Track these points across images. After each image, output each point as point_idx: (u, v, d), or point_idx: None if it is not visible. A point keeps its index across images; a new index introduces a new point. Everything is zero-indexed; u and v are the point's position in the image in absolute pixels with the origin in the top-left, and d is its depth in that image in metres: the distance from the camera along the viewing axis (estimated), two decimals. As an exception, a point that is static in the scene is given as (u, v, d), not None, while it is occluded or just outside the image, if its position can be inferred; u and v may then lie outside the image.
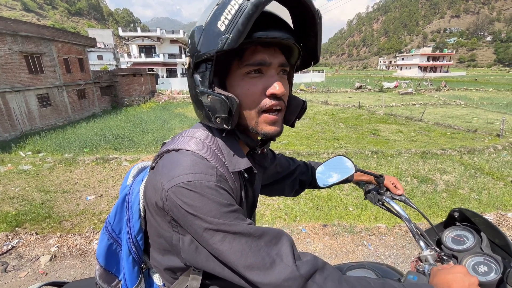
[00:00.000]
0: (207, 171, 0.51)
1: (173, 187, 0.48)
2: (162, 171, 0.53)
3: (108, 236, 0.66)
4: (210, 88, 0.53)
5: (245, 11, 0.44)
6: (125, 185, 0.69)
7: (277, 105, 0.55)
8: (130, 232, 0.62)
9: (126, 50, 53.31)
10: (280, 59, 0.55)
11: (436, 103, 18.48)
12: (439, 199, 4.94)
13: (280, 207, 4.71)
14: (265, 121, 0.56)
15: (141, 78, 23.02)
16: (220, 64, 0.53)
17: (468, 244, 0.74)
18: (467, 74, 71.86)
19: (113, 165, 7.42)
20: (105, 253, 0.66)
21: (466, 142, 8.73)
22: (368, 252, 2.67)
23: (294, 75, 0.66)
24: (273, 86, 0.53)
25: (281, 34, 0.51)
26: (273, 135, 0.58)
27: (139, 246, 0.63)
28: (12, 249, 2.80)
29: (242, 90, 0.54)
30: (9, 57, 12.73)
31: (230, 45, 0.46)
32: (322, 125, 11.93)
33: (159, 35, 34.44)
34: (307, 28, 0.55)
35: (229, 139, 0.60)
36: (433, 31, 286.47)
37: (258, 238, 0.49)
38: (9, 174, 7.02)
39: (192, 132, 0.60)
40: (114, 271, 0.68)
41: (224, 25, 0.46)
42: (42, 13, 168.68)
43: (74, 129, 12.83)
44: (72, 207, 5.11)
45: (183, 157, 0.53)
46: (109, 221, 0.66)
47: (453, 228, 0.81)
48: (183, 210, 0.48)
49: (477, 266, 0.67)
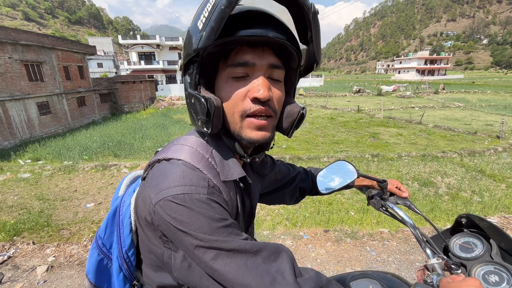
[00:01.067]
0: (198, 182, 0.47)
1: (160, 201, 0.45)
2: (151, 183, 0.49)
3: (99, 251, 0.63)
4: (196, 89, 0.51)
5: (218, 6, 0.42)
6: (116, 197, 0.66)
7: (262, 111, 0.50)
8: (121, 247, 0.58)
9: (126, 57, 53.71)
10: (268, 60, 0.50)
11: (435, 105, 18.52)
12: (441, 202, 4.90)
13: (281, 212, 4.67)
14: (249, 126, 0.51)
15: (141, 85, 23.12)
16: (208, 65, 0.51)
17: (477, 252, 0.71)
18: (464, 77, 72.31)
19: (113, 172, 7.38)
20: (95, 269, 0.63)
21: (466, 144, 8.72)
22: (371, 258, 2.62)
23: (299, 78, 0.60)
24: (255, 89, 0.49)
25: (266, 32, 0.47)
26: (259, 141, 0.52)
27: (131, 262, 0.60)
28: (8, 260, 2.75)
29: (226, 92, 0.51)
30: (9, 66, 12.81)
31: (204, 43, 0.44)
32: (321, 129, 11.94)
33: (159, 42, 34.77)
34: (305, 27, 0.51)
35: (221, 147, 0.56)
36: (429, 35, 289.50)
37: (255, 254, 0.45)
38: (8, 182, 6.97)
39: (185, 139, 0.57)
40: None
41: (202, 24, 0.44)
42: (42, 22, 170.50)
43: (74, 137, 12.82)
44: (71, 215, 5.06)
45: (173, 167, 0.49)
46: (99, 235, 0.63)
47: (461, 234, 0.78)
48: (172, 226, 0.45)
49: (488, 275, 0.64)
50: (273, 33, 0.47)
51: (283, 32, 0.49)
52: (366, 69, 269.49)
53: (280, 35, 0.48)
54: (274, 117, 0.54)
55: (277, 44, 0.49)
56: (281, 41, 0.48)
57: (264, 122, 0.51)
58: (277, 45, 0.50)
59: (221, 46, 0.47)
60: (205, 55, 0.48)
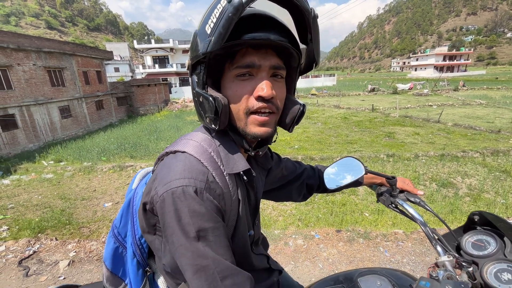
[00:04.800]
0: (197, 176, 0.51)
1: (164, 193, 0.49)
2: (157, 176, 0.54)
3: (114, 239, 0.68)
4: (203, 88, 0.54)
5: (225, 13, 0.44)
6: (130, 189, 0.71)
7: (265, 107, 0.54)
8: (135, 234, 0.63)
9: (141, 61, 55.32)
10: (272, 61, 0.53)
11: (455, 103, 17.77)
12: (462, 203, 4.70)
13: (293, 213, 4.65)
14: (253, 122, 0.55)
15: (155, 88, 23.76)
16: (215, 66, 0.54)
17: (490, 250, 0.69)
18: (487, 73, 68.75)
19: (129, 172, 7.62)
20: (111, 256, 0.68)
21: (489, 143, 8.30)
22: (385, 259, 2.56)
23: (305, 79, 0.62)
24: (260, 88, 0.52)
25: (269, 35, 0.50)
26: (262, 136, 0.56)
27: (143, 249, 0.64)
28: (34, 254, 2.92)
29: (232, 91, 0.54)
30: (33, 72, 13.56)
31: (212, 47, 0.47)
32: (334, 129, 11.75)
33: (172, 45, 35.60)
34: (306, 28, 0.54)
35: (227, 142, 0.60)
36: (448, 30, 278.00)
37: (222, 279, 0.48)
38: (33, 182, 7.37)
39: (191, 135, 0.61)
40: (120, 274, 0.69)
41: (210, 28, 0.47)
42: (63, 30, 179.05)
43: (93, 139, 13.35)
44: (91, 213, 5.27)
45: (177, 161, 0.54)
46: (115, 225, 0.68)
47: (473, 232, 0.76)
48: (167, 218, 0.49)
49: (500, 273, 0.63)
50: (275, 36, 0.50)
51: (284, 35, 0.52)
52: (380, 67, 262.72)
53: (282, 37, 0.52)
54: (276, 113, 0.57)
55: (279, 46, 0.53)
56: (283, 44, 0.52)
57: (266, 118, 0.55)
58: (279, 46, 0.53)
59: (228, 48, 0.50)
60: (212, 56, 0.51)
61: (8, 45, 12.03)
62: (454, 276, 0.60)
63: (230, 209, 0.57)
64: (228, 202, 0.56)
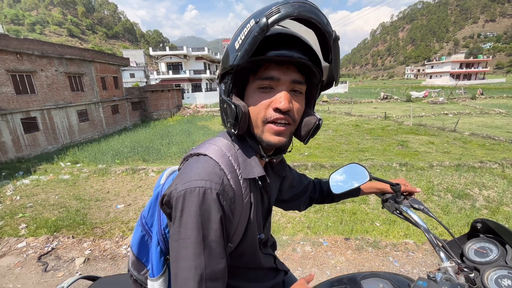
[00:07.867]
0: (213, 178, 0.56)
1: (182, 191, 0.55)
2: (180, 174, 0.60)
3: (142, 228, 0.75)
4: (228, 96, 0.61)
5: (252, 32, 0.50)
6: (158, 184, 0.78)
7: (282, 119, 0.58)
8: (160, 224, 0.70)
9: (155, 67, 56.94)
10: (292, 76, 0.58)
11: (472, 112, 17.21)
12: (479, 216, 4.53)
13: (302, 220, 4.63)
14: (269, 130, 0.59)
15: (169, 94, 24.37)
16: (240, 77, 0.60)
17: (492, 257, 0.70)
18: (507, 81, 66.27)
19: (141, 175, 7.82)
20: (138, 243, 0.75)
21: (509, 154, 7.98)
22: (394, 269, 2.51)
23: (319, 92, 0.67)
24: (278, 101, 0.57)
25: (292, 53, 0.55)
26: (276, 145, 0.61)
27: (167, 238, 0.70)
28: (52, 251, 3.06)
29: (253, 101, 0.60)
30: (55, 78, 14.26)
31: (238, 61, 0.53)
32: (345, 136, 11.63)
33: (186, 52, 36.48)
34: (328, 49, 0.58)
35: (246, 147, 0.65)
36: (465, 37, 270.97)
37: (208, 280, 0.53)
38: (51, 183, 7.69)
39: (214, 140, 0.67)
40: (144, 260, 0.75)
41: (238, 44, 0.53)
42: (84, 37, 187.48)
43: (108, 142, 13.80)
44: (104, 214, 5.44)
45: (198, 163, 0.60)
46: (143, 215, 0.75)
47: (477, 240, 0.78)
48: (178, 212, 0.54)
49: (500, 279, 0.64)
50: (297, 54, 0.55)
51: (307, 53, 0.57)
52: (393, 74, 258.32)
53: (304, 56, 0.56)
54: (292, 125, 0.62)
55: (300, 63, 0.57)
56: (303, 61, 0.56)
57: (282, 128, 0.59)
58: (301, 64, 0.58)
59: (253, 62, 0.56)
60: (238, 69, 0.57)
61: (33, 52, 12.75)
62: (453, 279, 0.62)
63: (241, 211, 0.62)
64: (238, 204, 0.61)
